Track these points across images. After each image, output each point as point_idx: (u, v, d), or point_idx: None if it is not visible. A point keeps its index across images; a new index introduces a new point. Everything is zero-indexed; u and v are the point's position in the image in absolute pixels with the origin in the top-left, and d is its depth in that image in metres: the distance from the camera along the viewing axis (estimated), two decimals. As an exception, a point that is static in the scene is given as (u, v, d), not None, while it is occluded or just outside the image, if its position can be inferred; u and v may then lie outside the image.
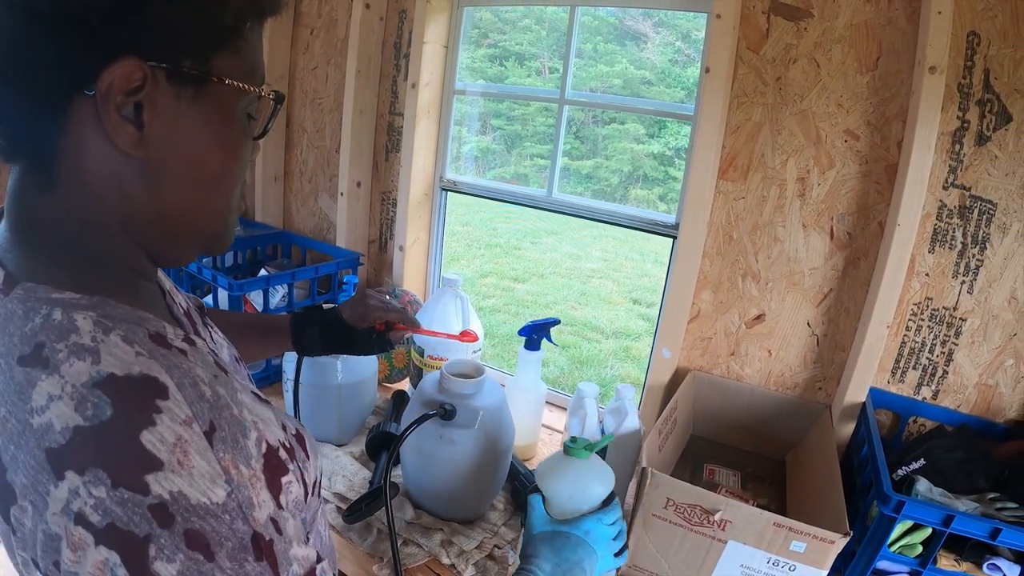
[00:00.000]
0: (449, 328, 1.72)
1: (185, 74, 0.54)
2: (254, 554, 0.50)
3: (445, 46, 2.17)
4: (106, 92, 0.51)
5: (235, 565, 0.49)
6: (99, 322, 0.51)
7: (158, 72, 0.53)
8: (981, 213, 1.46)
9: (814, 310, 1.67)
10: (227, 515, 0.49)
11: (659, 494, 1.22)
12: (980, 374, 1.53)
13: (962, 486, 1.38)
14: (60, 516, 0.46)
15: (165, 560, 0.46)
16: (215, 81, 0.57)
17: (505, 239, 8.88)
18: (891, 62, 1.48)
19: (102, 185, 0.56)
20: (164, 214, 0.60)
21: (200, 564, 0.47)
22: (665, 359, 1.80)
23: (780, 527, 1.15)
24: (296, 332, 1.23)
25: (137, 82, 0.52)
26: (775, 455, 1.74)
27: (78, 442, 0.46)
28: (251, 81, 0.61)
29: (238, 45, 0.58)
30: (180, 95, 0.55)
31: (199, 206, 0.62)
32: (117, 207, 0.57)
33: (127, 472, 0.46)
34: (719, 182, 1.68)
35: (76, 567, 0.46)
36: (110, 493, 0.45)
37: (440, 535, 1.33)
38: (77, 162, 0.55)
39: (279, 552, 0.52)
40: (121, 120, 0.52)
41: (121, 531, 0.45)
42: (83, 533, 0.45)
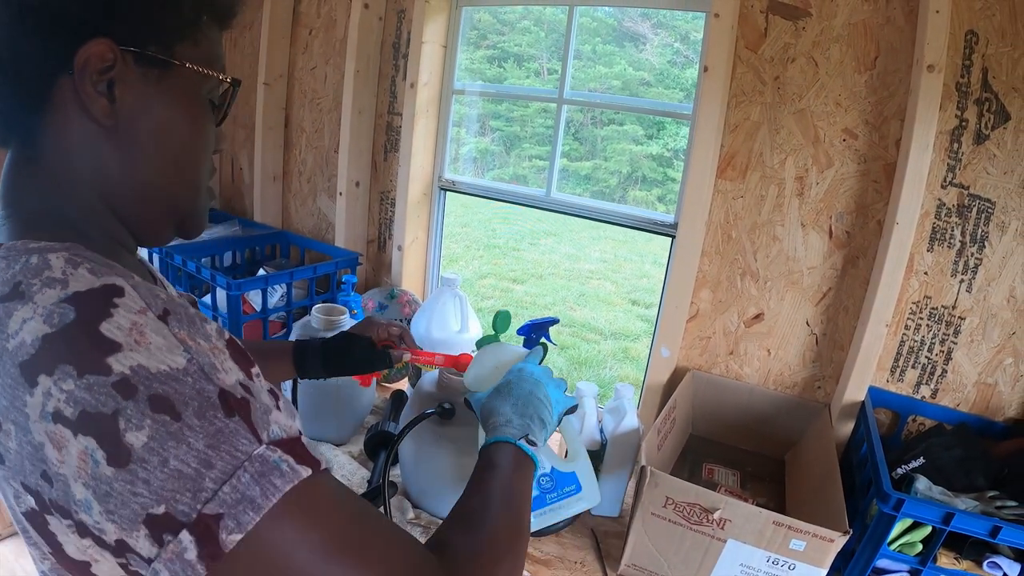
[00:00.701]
0: (448, 328, 1.72)
1: (150, 57, 0.61)
2: (223, 411, 0.51)
3: (444, 46, 2.17)
4: (82, 68, 0.57)
5: (204, 423, 0.49)
6: (70, 259, 0.55)
7: (127, 55, 0.59)
8: (980, 212, 1.46)
9: (813, 309, 1.67)
10: (189, 377, 0.50)
11: (658, 493, 1.22)
12: (979, 373, 1.54)
13: (961, 484, 1.38)
14: (39, 422, 0.48)
15: (134, 429, 0.47)
16: (177, 65, 0.63)
17: (504, 240, 8.86)
18: (889, 61, 1.48)
19: (81, 155, 0.62)
20: (138, 183, 0.65)
21: (167, 425, 0.48)
22: (664, 358, 1.79)
23: (780, 526, 1.15)
24: (298, 353, 1.23)
25: (109, 61, 0.58)
26: (774, 454, 1.74)
27: (45, 348, 0.49)
28: (211, 69, 0.67)
29: (197, 37, 0.65)
30: (147, 75, 0.62)
31: (169, 177, 0.67)
32: (95, 175, 0.63)
33: (89, 360, 0.48)
34: (718, 181, 1.69)
35: (62, 466, 0.48)
36: (77, 383, 0.48)
37: (439, 534, 1.33)
38: (59, 135, 0.61)
39: (255, 411, 0.53)
40: (96, 94, 0.59)
41: (91, 415, 0.47)
42: (62, 430, 0.47)
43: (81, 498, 0.48)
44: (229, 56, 2.75)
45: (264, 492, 0.50)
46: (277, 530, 0.51)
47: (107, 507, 0.47)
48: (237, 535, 0.48)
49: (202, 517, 0.48)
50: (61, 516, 0.50)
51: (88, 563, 0.52)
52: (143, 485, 0.47)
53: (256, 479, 0.50)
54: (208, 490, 0.48)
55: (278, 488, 0.51)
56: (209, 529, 0.48)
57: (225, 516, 0.48)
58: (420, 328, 1.75)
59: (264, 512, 0.50)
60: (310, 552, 0.52)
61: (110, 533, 0.48)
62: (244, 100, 2.73)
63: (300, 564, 0.52)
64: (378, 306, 2.15)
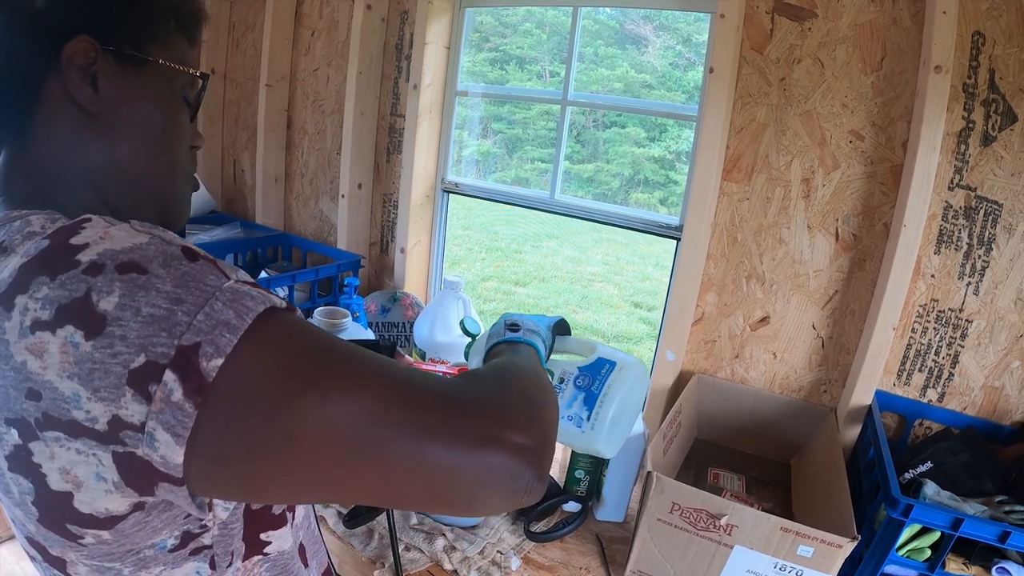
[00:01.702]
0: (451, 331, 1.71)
1: (126, 55, 0.67)
2: (187, 259, 0.52)
3: (447, 47, 2.16)
4: (68, 60, 0.63)
5: (170, 270, 0.50)
6: (50, 216, 0.58)
7: (107, 52, 0.65)
8: (987, 214, 1.45)
9: (819, 312, 1.66)
10: (151, 246, 0.52)
11: (665, 498, 1.21)
12: (986, 376, 1.52)
13: (968, 488, 1.38)
14: (19, 342, 0.49)
15: (106, 295, 0.48)
16: (151, 61, 0.70)
17: (506, 243, 8.86)
18: (896, 62, 1.47)
19: (68, 142, 0.67)
20: (120, 167, 0.70)
21: (135, 280, 0.49)
22: (669, 362, 1.78)
23: (787, 531, 1.14)
24: None
25: (92, 57, 0.64)
26: (780, 458, 1.72)
27: (21, 272, 0.51)
28: (181, 65, 0.74)
29: (167, 40, 0.72)
30: (125, 70, 0.68)
31: (148, 162, 0.72)
32: (81, 160, 0.67)
33: (60, 263, 0.50)
34: (723, 183, 1.68)
35: (47, 372, 0.49)
36: (50, 286, 0.49)
37: (442, 540, 1.32)
38: (48, 127, 0.66)
39: (219, 263, 0.54)
40: (81, 83, 0.64)
41: (66, 305, 0.48)
42: (40, 335, 0.49)
43: (69, 393, 0.48)
44: (231, 58, 2.75)
45: (239, 314, 0.50)
46: (258, 351, 0.50)
47: (92, 386, 0.48)
48: (218, 359, 0.48)
49: (180, 350, 0.48)
50: (51, 428, 0.49)
51: (70, 493, 0.52)
52: (120, 343, 0.47)
53: (229, 304, 0.50)
54: (182, 323, 0.48)
55: (251, 310, 0.51)
56: (189, 361, 0.48)
57: (203, 344, 0.48)
58: (424, 331, 1.74)
59: (241, 333, 0.49)
60: (297, 372, 0.52)
61: (101, 416, 0.48)
62: (246, 102, 2.73)
63: (287, 388, 0.51)
64: (381, 308, 2.15)
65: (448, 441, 0.54)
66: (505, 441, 0.56)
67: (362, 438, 0.51)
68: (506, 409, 0.60)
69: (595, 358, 1.05)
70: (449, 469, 0.54)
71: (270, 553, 0.71)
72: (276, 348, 0.52)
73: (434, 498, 0.56)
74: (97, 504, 0.52)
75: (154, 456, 0.48)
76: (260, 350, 0.50)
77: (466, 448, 0.54)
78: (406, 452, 0.52)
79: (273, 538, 0.71)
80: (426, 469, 0.53)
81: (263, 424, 0.50)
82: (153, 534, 0.57)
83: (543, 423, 0.63)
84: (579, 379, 1.03)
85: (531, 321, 1.02)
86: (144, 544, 0.58)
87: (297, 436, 0.50)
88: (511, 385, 0.67)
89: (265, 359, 0.50)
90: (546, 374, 0.85)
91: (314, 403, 0.50)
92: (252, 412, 0.49)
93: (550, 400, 0.71)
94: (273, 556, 0.72)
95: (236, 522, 0.66)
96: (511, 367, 0.74)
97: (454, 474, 0.54)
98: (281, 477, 0.52)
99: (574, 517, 1.43)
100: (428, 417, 0.54)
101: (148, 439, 0.48)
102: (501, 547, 1.34)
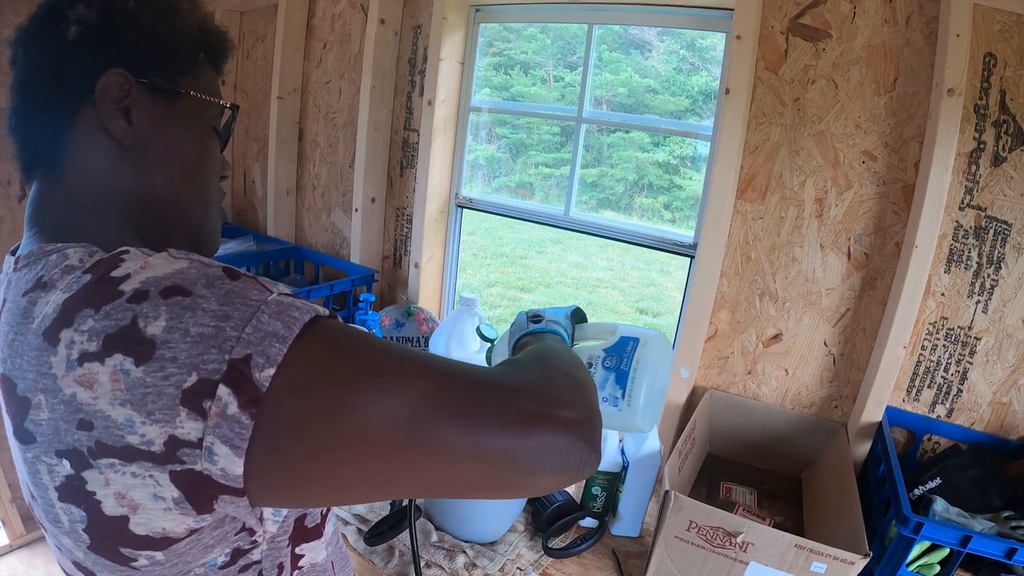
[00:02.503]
0: (467, 348, 1.73)
1: (159, 87, 0.69)
2: (229, 278, 0.53)
3: (461, 62, 2.17)
4: (102, 93, 0.65)
5: (214, 290, 0.52)
6: (87, 249, 0.60)
7: (139, 84, 0.67)
8: (996, 233, 1.46)
9: (831, 329, 1.67)
10: (192, 269, 0.53)
11: (682, 517, 1.22)
12: (994, 392, 1.54)
13: (977, 504, 1.39)
14: (67, 375, 0.50)
15: (152, 320, 0.49)
16: (182, 93, 0.72)
17: (511, 248, 8.86)
18: (909, 83, 1.48)
19: (101, 172, 0.68)
20: (153, 197, 0.71)
21: (181, 303, 0.50)
22: (683, 378, 1.80)
23: (801, 548, 1.16)
24: None
25: (126, 90, 0.66)
26: (791, 473, 1.74)
27: (65, 307, 0.52)
28: (211, 96, 0.76)
29: (196, 71, 0.74)
30: (157, 102, 0.70)
31: (181, 192, 0.73)
32: (113, 190, 0.68)
33: (104, 295, 0.51)
34: (737, 202, 1.69)
35: (98, 402, 0.50)
36: (95, 317, 0.50)
37: (463, 557, 1.33)
38: (81, 154, 0.67)
39: (260, 279, 0.56)
40: (115, 115, 0.66)
41: (113, 334, 0.50)
42: (89, 366, 0.50)
43: (122, 420, 0.49)
44: (242, 69, 2.77)
45: (286, 324, 0.51)
46: (309, 356, 0.51)
47: (146, 410, 0.49)
48: (270, 369, 0.49)
49: (232, 364, 0.49)
50: (105, 456, 0.50)
51: (126, 517, 0.53)
52: (171, 364, 0.48)
53: (275, 316, 0.52)
54: (231, 339, 0.49)
55: (297, 319, 0.52)
56: (242, 373, 0.49)
57: (254, 355, 0.49)
58: (439, 348, 1.75)
59: (290, 341, 0.51)
60: (348, 371, 0.53)
61: (156, 438, 0.49)
62: (257, 114, 2.75)
63: (341, 388, 0.52)
64: (395, 323, 2.16)
65: (502, 423, 0.55)
66: (557, 417, 0.58)
67: (418, 427, 0.52)
68: (552, 386, 0.62)
69: (618, 338, 1.05)
70: (505, 449, 0.55)
71: (304, 567, 0.73)
72: (325, 352, 0.53)
73: (492, 481, 0.56)
74: (154, 524, 0.53)
75: (214, 470, 0.50)
76: (310, 355, 0.52)
77: (520, 428, 0.56)
78: (462, 438, 0.54)
79: (307, 551, 0.73)
80: (482, 452, 0.54)
81: (321, 425, 0.51)
82: (205, 552, 0.59)
83: (588, 397, 0.65)
84: (607, 360, 1.03)
85: (550, 312, 1.04)
86: (196, 563, 0.59)
87: (355, 432, 0.51)
88: (552, 365, 0.69)
89: (316, 363, 0.52)
90: (578, 355, 0.87)
91: (369, 399, 0.52)
92: (309, 415, 0.50)
93: (588, 377, 0.73)
94: (306, 569, 0.74)
95: (283, 535, 0.68)
96: (546, 352, 0.76)
97: (510, 454, 0.55)
98: (342, 474, 0.53)
99: (591, 533, 1.44)
100: (480, 402, 0.56)
101: (207, 454, 0.49)
102: (520, 563, 1.36)
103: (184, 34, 0.73)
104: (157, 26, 0.70)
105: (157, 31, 0.70)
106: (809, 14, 1.55)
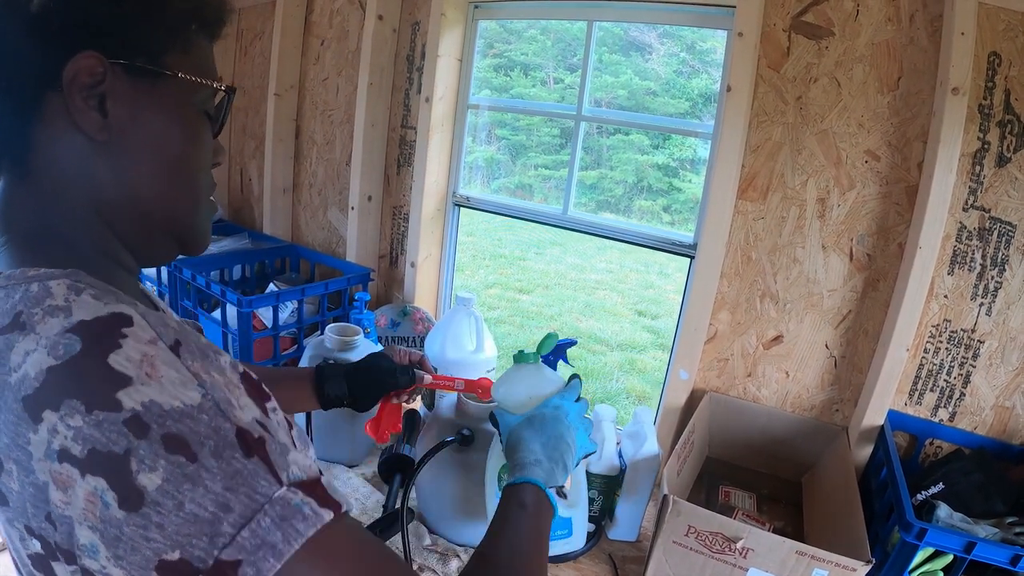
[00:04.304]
0: (463, 348, 1.71)
1: (140, 69, 0.60)
2: (242, 451, 0.49)
3: (459, 59, 2.16)
4: (71, 82, 0.56)
5: (222, 463, 0.47)
6: (72, 285, 0.53)
7: (116, 67, 0.58)
8: (1000, 235, 1.45)
9: (832, 331, 1.65)
10: (204, 415, 0.48)
11: (681, 521, 1.20)
12: (997, 396, 1.52)
13: (980, 510, 1.38)
14: (44, 461, 0.46)
15: (147, 470, 0.45)
16: (168, 75, 0.62)
17: (510, 250, 8.86)
18: (912, 82, 1.47)
19: (73, 171, 0.60)
20: (133, 197, 0.63)
21: (183, 467, 0.46)
22: (682, 380, 1.78)
23: (802, 555, 1.14)
24: (319, 381, 1.19)
25: (99, 75, 0.57)
26: (791, 477, 1.72)
27: (51, 381, 0.47)
28: (203, 77, 0.66)
29: (186, 46, 0.64)
30: (138, 87, 0.60)
31: (166, 190, 0.66)
32: (89, 191, 0.61)
33: (98, 394, 0.46)
34: (738, 202, 1.67)
35: (67, 508, 0.46)
36: (86, 419, 0.46)
37: (456, 561, 1.31)
38: (50, 152, 0.59)
39: (272, 452, 0.51)
40: (87, 107, 0.58)
41: (102, 454, 0.45)
42: (68, 469, 0.46)
43: (86, 542, 0.46)
44: (240, 65, 2.75)
45: (286, 538, 0.48)
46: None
47: (115, 552, 0.46)
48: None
49: (219, 564, 0.46)
50: (66, 561, 0.48)
51: None
52: (157, 530, 0.45)
53: (278, 523, 0.48)
54: (226, 535, 0.46)
55: (301, 533, 0.49)
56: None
57: (244, 563, 0.47)
58: (435, 347, 1.73)
59: (285, 559, 0.48)
60: None
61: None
62: (254, 111, 2.73)
63: None
64: (391, 323, 2.14)
65: None
66: None
67: None
68: None
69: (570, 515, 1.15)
70: None
71: None
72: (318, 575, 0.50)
73: None
74: None
75: None
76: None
77: None
78: None
79: None
80: None
81: None
82: None
83: None
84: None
85: (574, 461, 1.00)
86: None
87: None
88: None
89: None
90: (547, 553, 0.87)
91: None
92: None
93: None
94: None
95: None
96: (524, 565, 0.79)
97: None
98: None
99: (588, 537, 1.42)
100: None
101: None
102: (514, 567, 1.34)
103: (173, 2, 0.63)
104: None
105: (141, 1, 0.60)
106: (812, 11, 1.53)
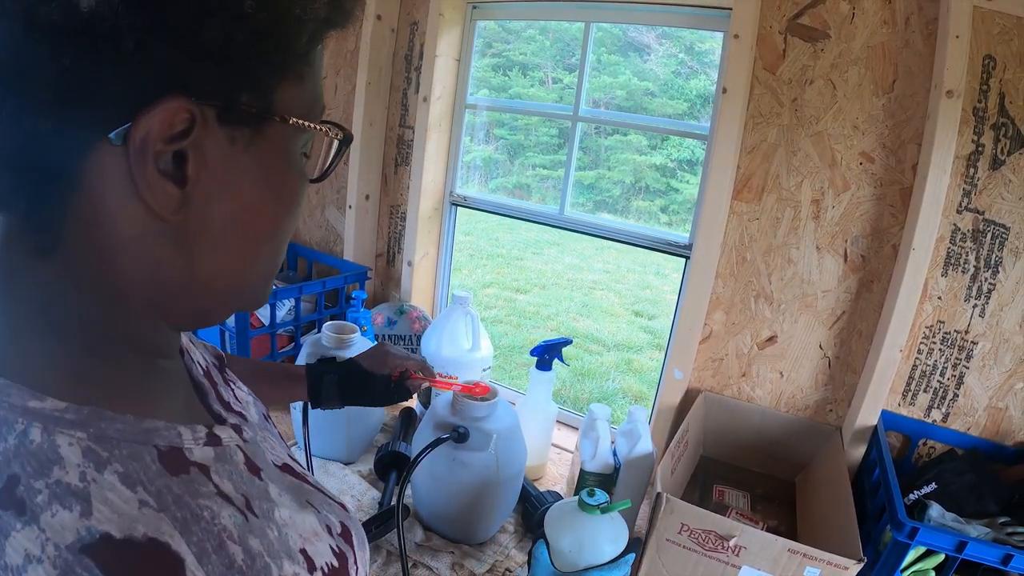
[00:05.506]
0: (459, 347, 1.71)
1: (242, 113, 0.42)
2: None
3: (457, 59, 2.16)
4: (142, 143, 0.38)
5: None
6: (90, 450, 0.38)
7: (208, 111, 0.40)
8: (994, 237, 1.45)
9: (826, 332, 1.66)
10: None
11: (673, 519, 1.21)
12: (990, 397, 1.53)
13: (972, 510, 1.38)
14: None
15: None
16: (277, 120, 0.44)
17: (507, 249, 8.86)
18: (907, 85, 1.47)
19: (124, 253, 0.42)
20: (200, 280, 0.47)
21: None
22: (676, 380, 1.79)
23: (795, 553, 1.15)
24: (313, 381, 1.18)
25: (181, 126, 0.39)
26: (785, 476, 1.73)
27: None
28: (312, 115, 0.48)
29: (302, 71, 0.46)
30: (234, 139, 0.43)
31: (243, 268, 0.49)
32: (140, 278, 0.44)
33: None
34: (733, 203, 1.68)
35: None
36: None
37: (450, 558, 1.32)
38: (91, 224, 0.41)
39: None
40: (159, 177, 0.40)
41: None
42: None
43: None
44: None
45: None
46: None
47: None
48: None
49: None
50: None
51: None
52: None
53: None
54: None
55: None
56: None
57: None
58: (431, 346, 1.74)
59: None
60: None
61: None
62: (253, 110, 2.72)
63: None
64: (387, 321, 2.15)
65: None
66: None
67: None
68: None
69: None
70: None
71: None
72: None
73: None
74: None
75: None
76: None
77: None
78: None
79: None
80: None
81: None
82: None
83: None
84: None
85: None
86: None
87: None
88: None
89: None
90: None
91: None
92: None
93: None
94: None
95: None
96: None
97: None
98: None
99: (582, 535, 1.42)
100: None
101: None
102: (509, 564, 1.34)
103: (309, 12, 0.43)
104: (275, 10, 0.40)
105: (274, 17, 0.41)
106: (808, 14, 1.53)
